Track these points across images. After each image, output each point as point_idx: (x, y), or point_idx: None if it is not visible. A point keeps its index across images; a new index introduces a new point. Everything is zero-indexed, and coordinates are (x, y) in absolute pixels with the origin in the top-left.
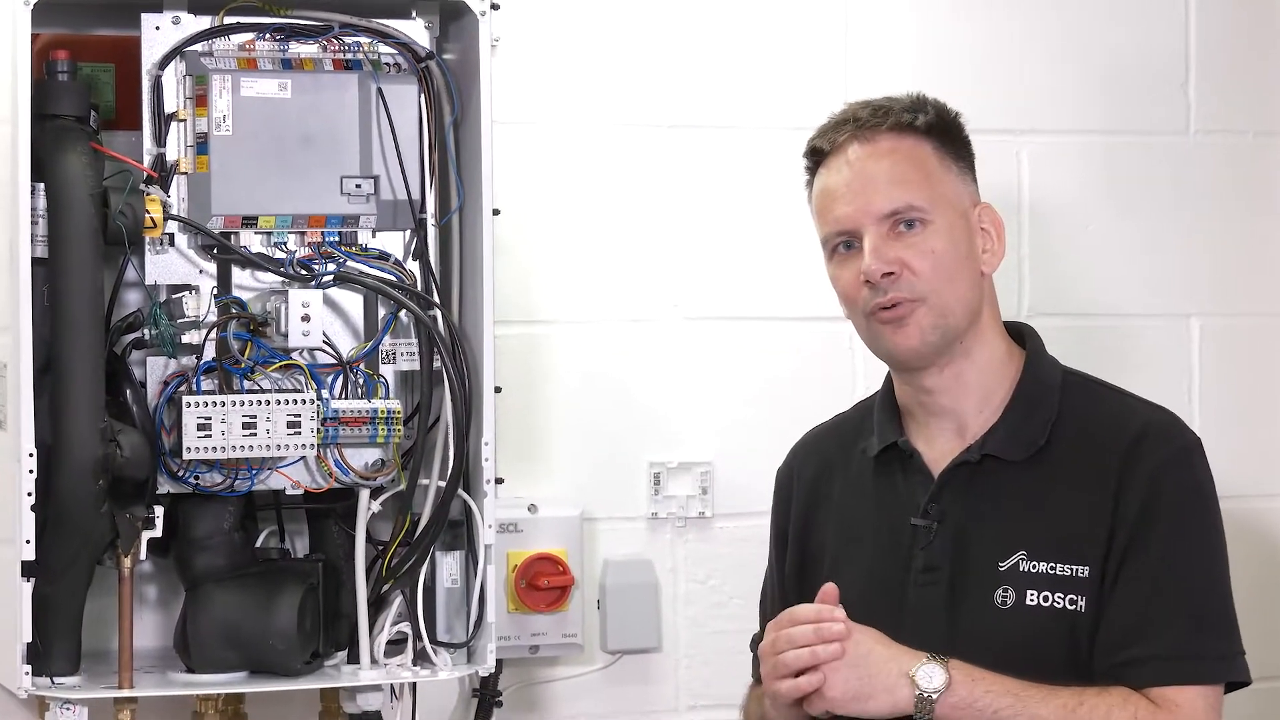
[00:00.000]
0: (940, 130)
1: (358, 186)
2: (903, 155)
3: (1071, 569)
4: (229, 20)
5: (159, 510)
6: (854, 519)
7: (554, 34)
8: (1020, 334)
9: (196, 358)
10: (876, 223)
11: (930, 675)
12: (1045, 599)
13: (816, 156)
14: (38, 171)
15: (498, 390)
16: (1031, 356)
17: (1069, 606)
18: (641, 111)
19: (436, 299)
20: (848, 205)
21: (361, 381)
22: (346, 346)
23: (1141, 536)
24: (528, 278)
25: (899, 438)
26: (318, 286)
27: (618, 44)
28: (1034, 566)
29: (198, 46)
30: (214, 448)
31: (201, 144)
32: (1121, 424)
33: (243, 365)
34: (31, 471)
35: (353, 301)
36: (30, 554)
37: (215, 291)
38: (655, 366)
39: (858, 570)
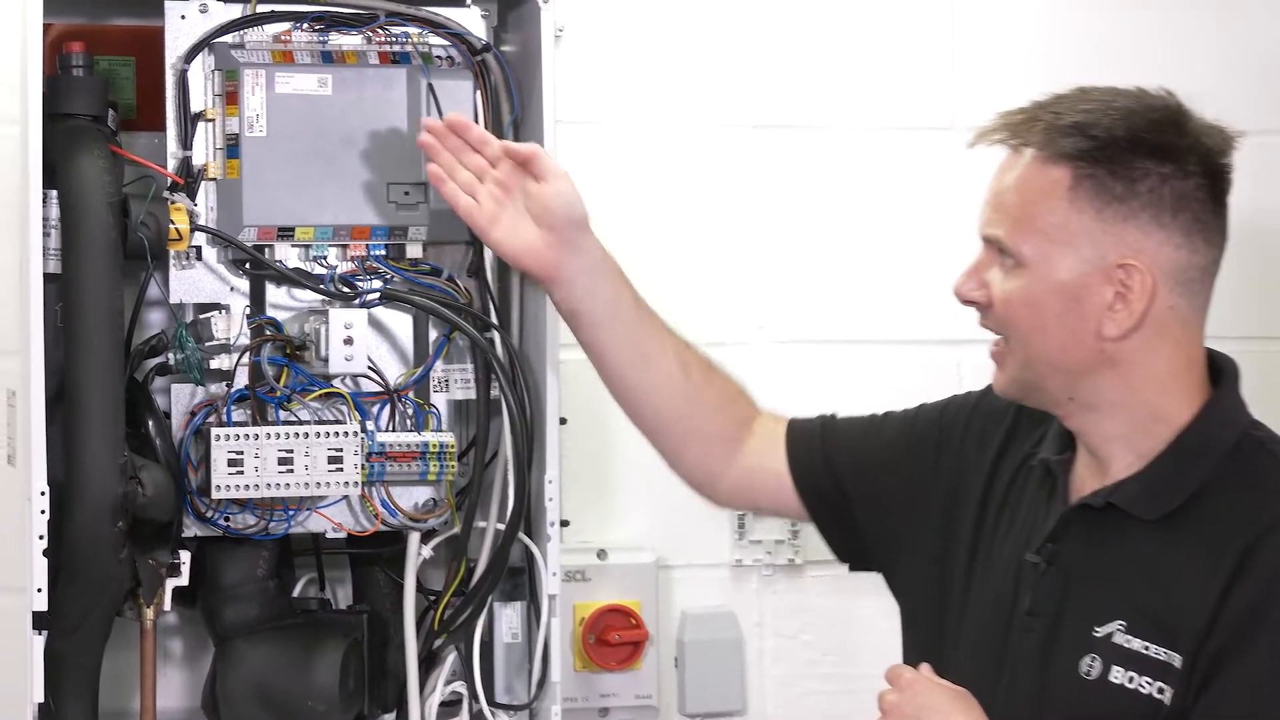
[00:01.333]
0: (1100, 160)
1: (406, 194)
2: (1024, 181)
3: (1166, 654)
4: (262, 8)
5: (185, 555)
6: (996, 526)
7: (624, 23)
8: (1218, 369)
9: (227, 385)
10: (983, 242)
11: None
12: (1131, 679)
13: None
14: (50, 177)
15: (563, 421)
16: (1210, 406)
17: (1155, 694)
18: (722, 110)
19: (494, 320)
20: (981, 211)
21: (411, 412)
22: (394, 373)
23: (1242, 644)
24: None
25: (1057, 455)
26: (362, 306)
27: (695, 34)
28: (1128, 640)
29: (228, 38)
30: (246, 485)
31: (232, 146)
32: (1265, 505)
33: (278, 393)
34: (43, 512)
35: (401, 323)
36: (42, 604)
37: (248, 311)
38: None
39: (979, 606)
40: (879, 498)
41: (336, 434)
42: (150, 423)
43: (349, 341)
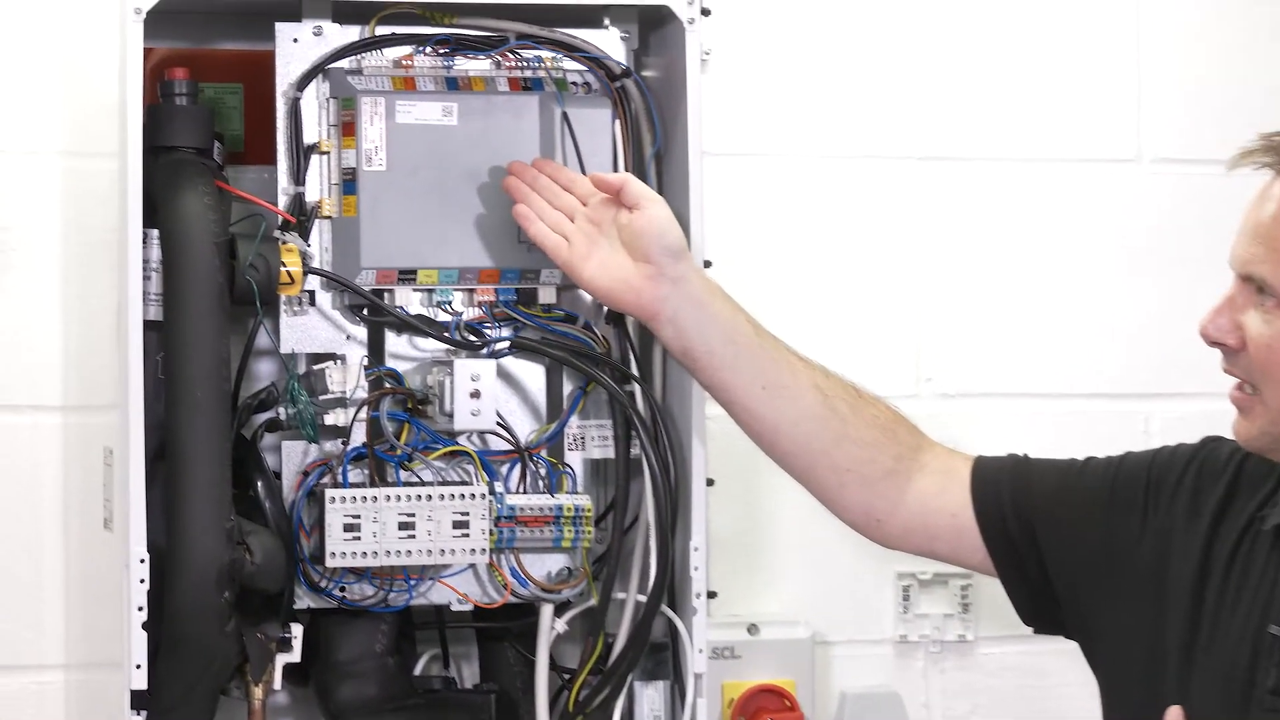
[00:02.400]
0: None
1: None
2: None
3: None
4: (382, 31)
5: (297, 629)
6: (1223, 594)
7: (776, 45)
8: None
9: (343, 442)
10: (1236, 276)
11: None
12: None
13: None
14: (151, 216)
15: (710, 483)
16: None
17: None
18: (885, 141)
19: (635, 371)
20: (1235, 244)
21: (544, 472)
22: (525, 429)
23: None
24: None
25: None
26: (490, 356)
27: (855, 58)
28: None
29: (344, 63)
30: (364, 553)
31: (348, 182)
32: None
33: (399, 452)
34: (143, 581)
35: (533, 374)
36: (141, 682)
37: (365, 362)
38: None
39: (1206, 683)
40: (1075, 553)
41: (462, 496)
42: (259, 484)
43: (476, 395)
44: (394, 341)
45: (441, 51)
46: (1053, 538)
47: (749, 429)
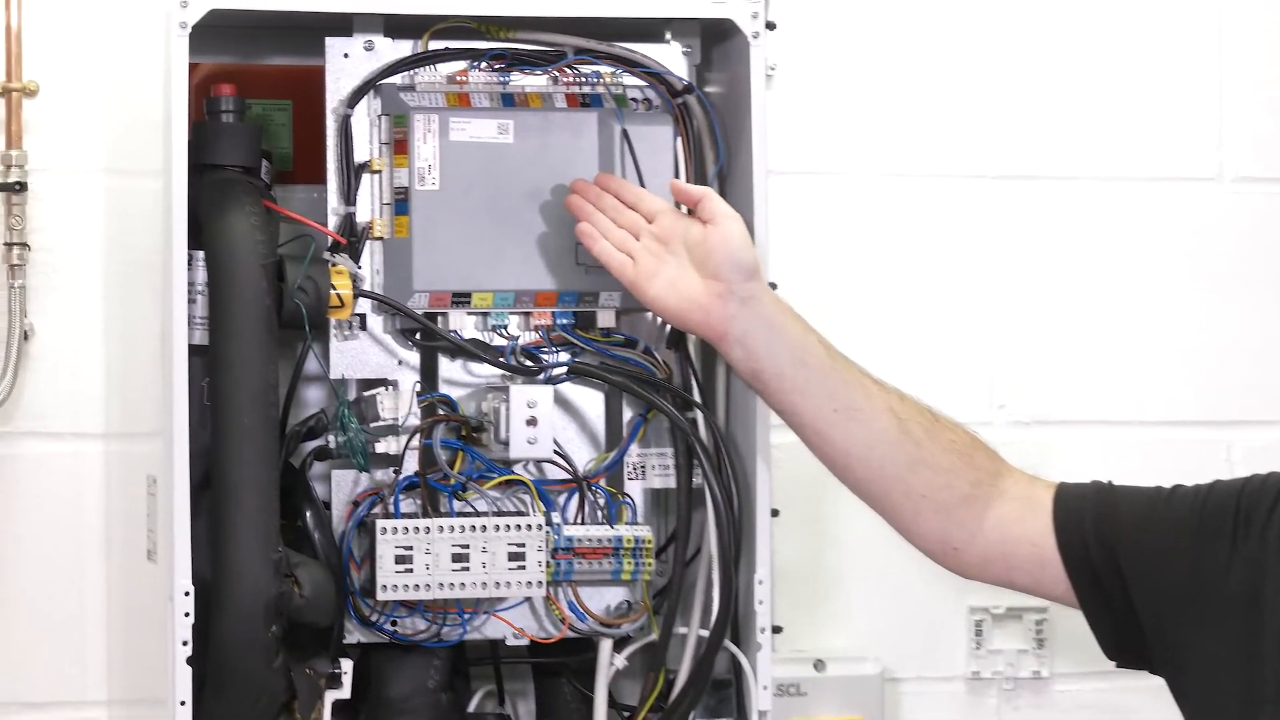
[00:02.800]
0: None
1: None
2: None
3: None
4: (435, 46)
5: (347, 664)
6: None
7: (844, 60)
8: None
9: (394, 471)
10: None
11: None
12: None
13: None
14: (196, 237)
15: (775, 513)
16: None
17: None
18: (959, 159)
19: (697, 397)
20: None
21: (602, 502)
22: (583, 458)
23: None
24: None
25: None
26: (547, 381)
27: (924, 73)
28: None
29: (396, 79)
30: (416, 585)
31: (401, 201)
32: None
33: (452, 481)
34: (187, 614)
35: (591, 401)
36: (186, 718)
37: (418, 388)
38: None
39: None
40: (1162, 582)
41: (518, 527)
42: (308, 514)
43: (532, 422)
44: (447, 367)
45: (497, 67)
46: (1138, 567)
47: (820, 454)
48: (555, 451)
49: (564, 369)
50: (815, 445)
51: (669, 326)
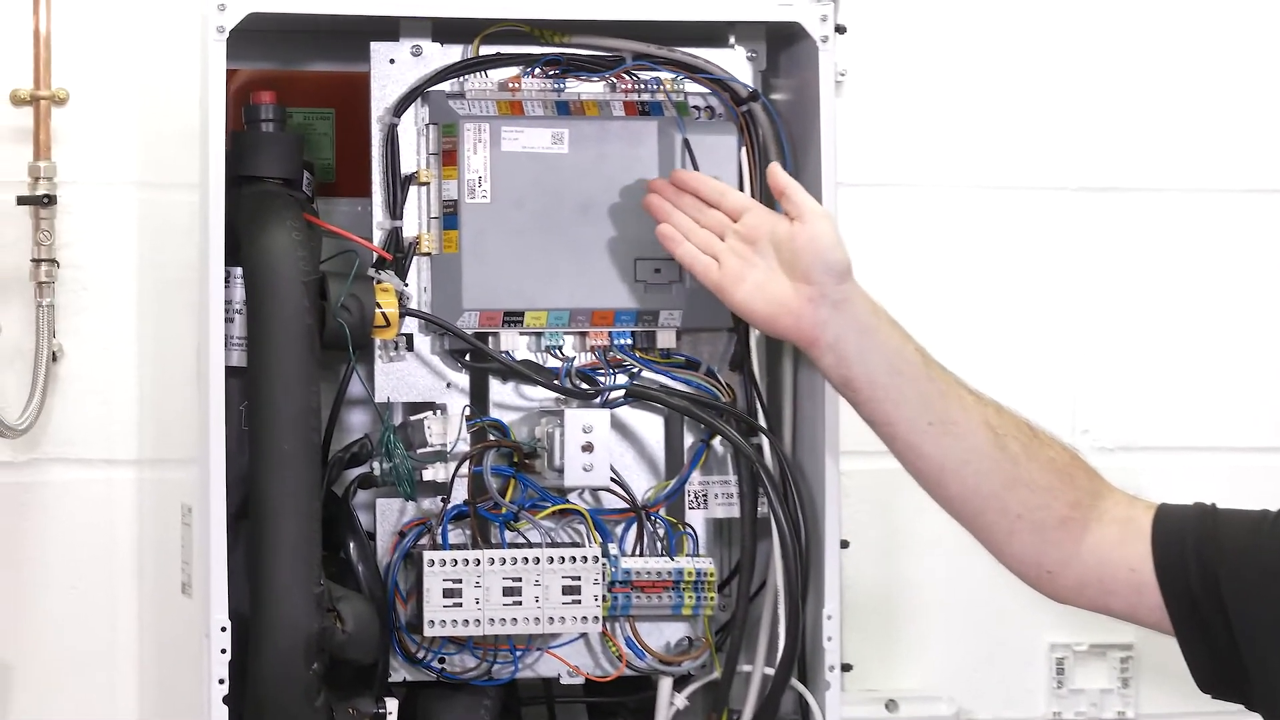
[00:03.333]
0: None
1: (657, 271)
2: None
3: None
4: (486, 51)
5: (392, 704)
6: None
7: (918, 65)
8: None
9: (443, 500)
10: None
11: None
12: None
13: None
14: (234, 253)
15: (844, 545)
16: None
17: None
18: (1038, 170)
19: (762, 422)
20: None
21: (662, 533)
22: (642, 486)
23: None
24: None
25: None
26: (604, 405)
27: (1002, 78)
28: None
29: (445, 85)
30: (465, 621)
31: (449, 215)
32: None
33: (504, 510)
34: (224, 651)
35: (651, 426)
36: None
37: (467, 412)
38: None
39: None
40: (1265, 612)
41: (573, 559)
42: (351, 545)
43: (588, 448)
44: (499, 390)
45: (551, 73)
46: (1240, 595)
47: (912, 468)
48: (612, 479)
49: (621, 392)
50: (907, 459)
51: (732, 346)
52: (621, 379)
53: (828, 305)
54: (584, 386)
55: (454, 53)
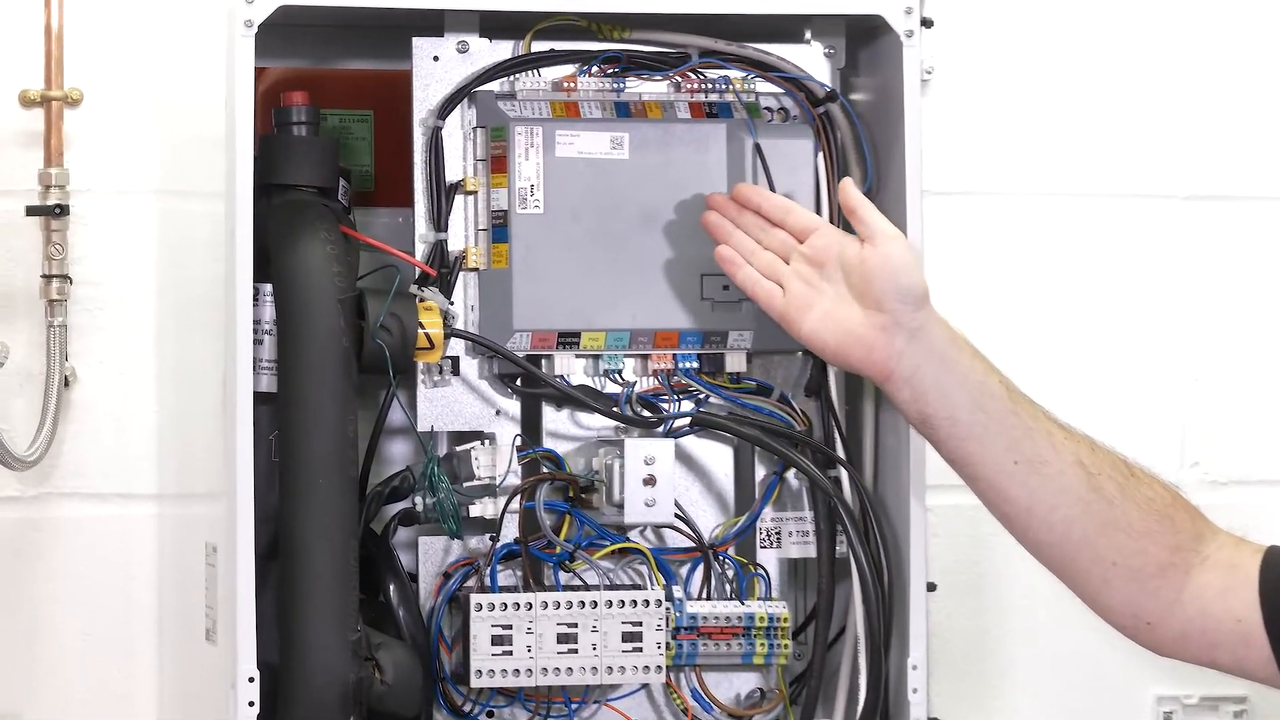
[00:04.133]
0: None
1: (725, 289)
2: None
3: None
4: (539, 47)
5: None
6: None
7: (1011, 63)
8: None
9: (491, 538)
10: None
11: None
12: None
13: None
14: (263, 268)
15: (931, 587)
16: None
17: None
18: (1141, 177)
19: (841, 453)
20: None
21: (731, 574)
22: (709, 523)
23: None
24: None
25: None
26: (668, 434)
27: (1106, 77)
28: None
29: (494, 85)
30: (516, 670)
31: (499, 227)
32: None
33: (559, 550)
34: (252, 704)
35: (719, 456)
36: None
37: (519, 442)
38: None
39: None
40: None
41: (634, 603)
42: (391, 588)
43: (650, 481)
44: (553, 417)
45: (610, 71)
46: None
47: (997, 511)
48: (677, 515)
49: (687, 420)
50: (991, 501)
51: (808, 370)
52: (687, 406)
53: (903, 335)
54: (646, 414)
55: (504, 49)
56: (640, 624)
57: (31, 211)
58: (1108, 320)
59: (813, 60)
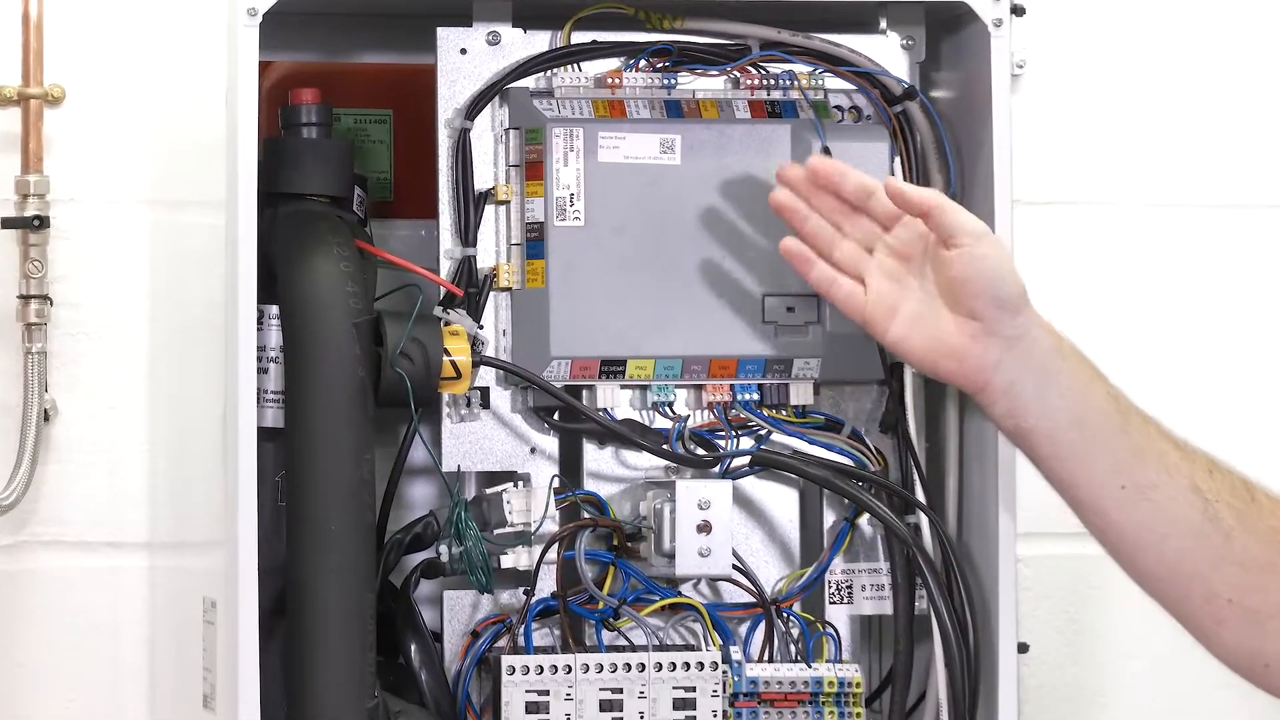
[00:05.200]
0: None
1: (790, 310)
2: None
3: None
4: (580, 38)
5: None
6: None
7: (1112, 57)
8: None
9: (525, 593)
10: None
11: None
12: None
13: None
14: (268, 288)
15: (1023, 648)
16: None
17: None
18: (1257, 185)
19: (921, 496)
20: None
21: (797, 633)
22: (771, 575)
23: None
24: None
25: None
26: (725, 475)
27: (1220, 74)
28: None
29: (528, 81)
30: None
31: (534, 241)
32: None
33: (601, 605)
34: None
35: (782, 500)
36: None
37: (556, 484)
38: None
39: None
40: None
41: (686, 666)
42: (413, 648)
43: (705, 528)
44: (595, 456)
45: (660, 65)
46: None
47: (1101, 537)
48: (735, 567)
49: (747, 459)
50: (1095, 526)
51: (884, 402)
52: (746, 443)
53: (999, 344)
54: (700, 453)
55: (540, 41)
56: (694, 689)
57: (7, 224)
58: (1223, 343)
59: (889, 53)
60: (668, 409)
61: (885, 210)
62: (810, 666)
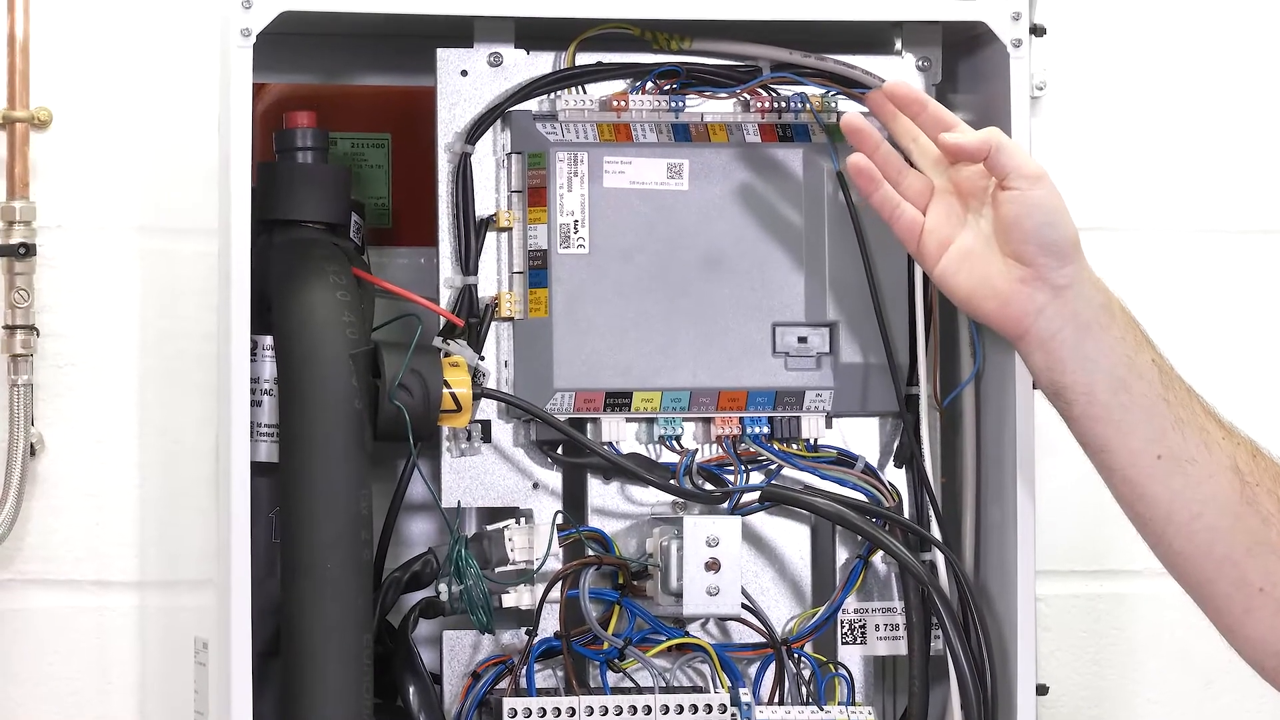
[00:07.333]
0: None
1: (802, 341)
2: None
3: None
4: (584, 60)
5: None
6: None
7: (1137, 77)
8: None
9: (528, 633)
10: None
11: None
12: None
13: None
14: (262, 318)
15: (1043, 691)
16: None
17: None
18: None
19: (937, 534)
20: None
21: (808, 674)
22: (782, 614)
23: None
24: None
25: None
26: (734, 512)
27: (1251, 95)
28: None
29: (531, 104)
30: None
31: (538, 270)
32: None
33: (606, 646)
34: None
35: (793, 538)
36: None
37: (560, 520)
38: None
39: None
40: None
41: (694, 708)
42: (411, 690)
43: (713, 566)
44: (599, 491)
45: (668, 88)
46: None
47: (1130, 510)
48: (744, 606)
49: (757, 495)
50: (1125, 497)
51: (898, 436)
52: (756, 478)
53: (1046, 291)
54: (708, 488)
55: (543, 62)
56: None
57: None
58: (1252, 373)
59: (904, 74)
60: (675, 443)
61: (955, 145)
62: (822, 709)
